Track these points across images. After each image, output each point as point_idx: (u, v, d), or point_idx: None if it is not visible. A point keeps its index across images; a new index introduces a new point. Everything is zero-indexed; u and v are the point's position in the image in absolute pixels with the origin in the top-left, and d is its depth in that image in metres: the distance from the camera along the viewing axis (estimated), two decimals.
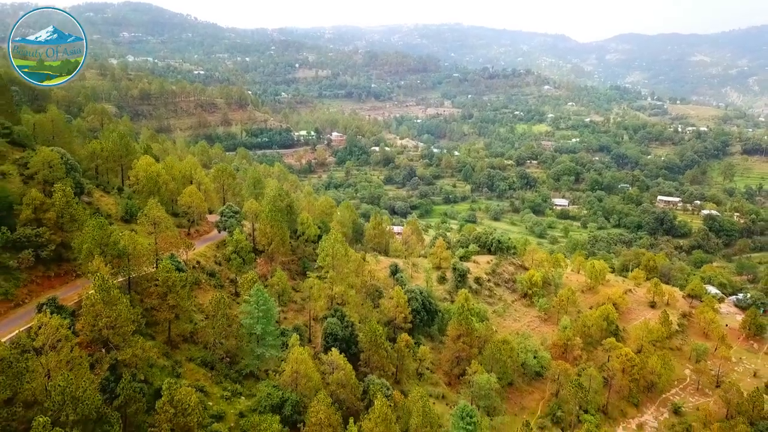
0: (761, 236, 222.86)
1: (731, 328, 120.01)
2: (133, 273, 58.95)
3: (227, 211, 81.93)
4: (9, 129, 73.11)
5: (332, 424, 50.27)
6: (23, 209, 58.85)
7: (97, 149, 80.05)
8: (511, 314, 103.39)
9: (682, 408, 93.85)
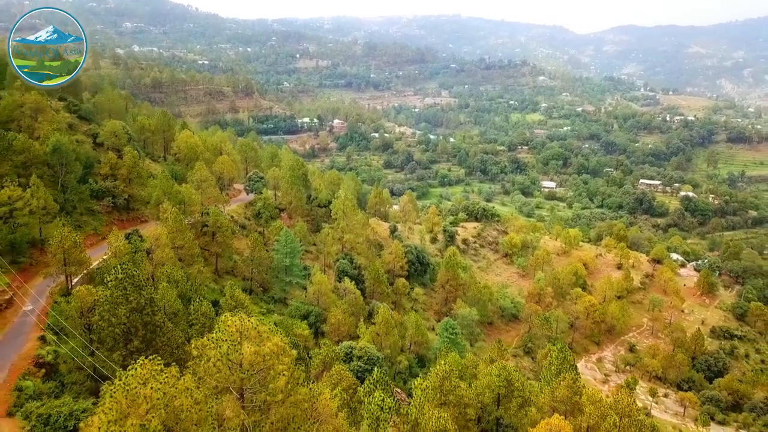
0: (734, 216, 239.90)
1: (688, 287, 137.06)
2: (189, 218, 75.32)
3: (254, 176, 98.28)
4: (77, 106, 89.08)
5: (347, 324, 67.05)
6: (102, 167, 75.16)
7: (146, 124, 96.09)
8: (493, 270, 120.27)
9: (636, 346, 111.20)
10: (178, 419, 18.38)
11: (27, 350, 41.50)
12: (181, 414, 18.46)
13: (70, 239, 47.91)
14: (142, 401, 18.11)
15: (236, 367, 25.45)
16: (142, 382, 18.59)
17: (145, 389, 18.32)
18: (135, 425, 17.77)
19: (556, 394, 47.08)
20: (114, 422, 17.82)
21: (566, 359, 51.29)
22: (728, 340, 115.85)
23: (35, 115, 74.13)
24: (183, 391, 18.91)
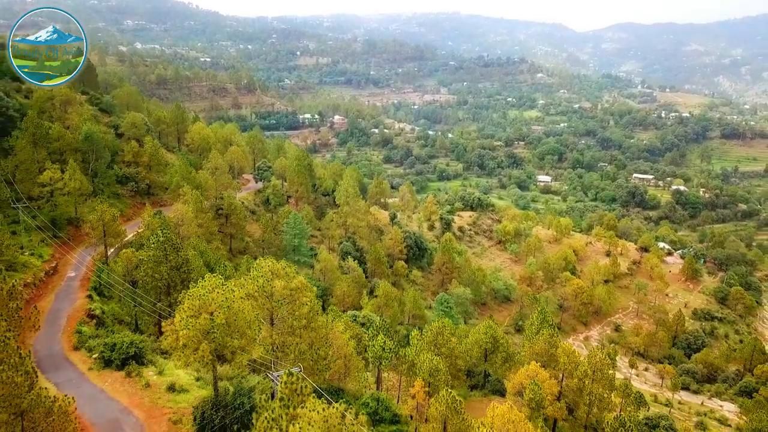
0: (724, 209, 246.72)
1: (674, 273, 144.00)
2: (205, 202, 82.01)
3: (263, 166, 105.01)
4: (99, 99, 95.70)
5: (351, 295, 73.88)
6: (125, 155, 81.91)
7: (162, 116, 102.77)
8: (487, 255, 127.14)
9: (622, 327, 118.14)
10: (235, 317, 25.17)
11: (78, 305, 48.25)
12: (238, 314, 25.25)
13: (109, 213, 54.68)
14: (210, 302, 24.90)
15: (269, 297, 32.30)
16: (209, 290, 25.37)
17: (212, 295, 25.11)
18: (206, 318, 24.60)
19: (535, 348, 54.00)
20: (191, 317, 24.65)
21: (545, 320, 58.12)
22: (709, 321, 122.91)
23: (64, 107, 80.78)
24: (238, 299, 25.69)
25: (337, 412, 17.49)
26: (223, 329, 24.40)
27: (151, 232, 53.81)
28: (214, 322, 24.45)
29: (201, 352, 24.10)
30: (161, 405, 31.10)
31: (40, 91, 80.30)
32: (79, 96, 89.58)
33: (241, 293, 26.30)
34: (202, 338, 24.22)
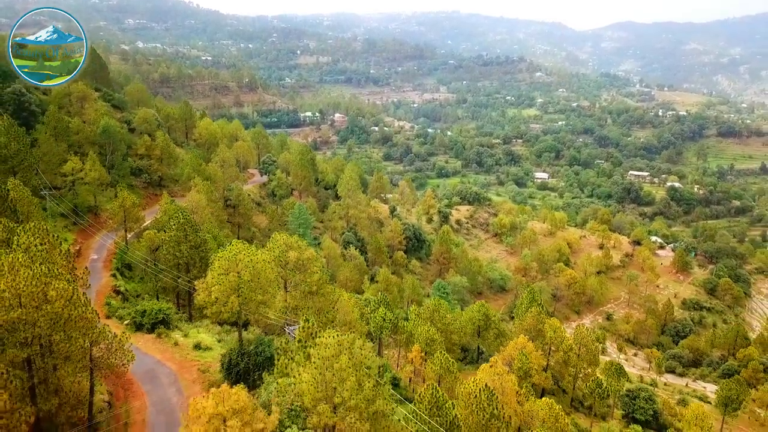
0: (718, 205, 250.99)
1: (665, 266, 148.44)
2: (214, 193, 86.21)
3: (267, 160, 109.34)
4: (111, 96, 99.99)
5: (353, 280, 78.24)
6: (139, 148, 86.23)
7: (170, 113, 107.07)
8: (484, 248, 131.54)
9: (613, 315, 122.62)
10: (258, 276, 29.56)
11: (104, 283, 52.63)
12: (260, 273, 29.64)
13: (130, 200, 59.00)
14: (238, 263, 29.29)
15: (284, 266, 36.70)
16: (236, 253, 29.76)
17: (239, 256, 29.50)
18: (234, 276, 28.99)
19: (524, 324, 58.41)
20: (221, 275, 29.05)
21: (534, 299, 62.53)
22: (697, 311, 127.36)
23: (81, 103, 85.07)
24: (261, 260, 30.08)
25: (348, 337, 21.86)
26: (248, 285, 28.79)
27: (168, 218, 58.14)
28: (241, 279, 28.85)
29: (230, 304, 28.49)
30: (190, 359, 35.54)
31: (57, 88, 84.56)
32: (92, 93, 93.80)
33: (263, 257, 30.68)
34: (231, 293, 28.61)
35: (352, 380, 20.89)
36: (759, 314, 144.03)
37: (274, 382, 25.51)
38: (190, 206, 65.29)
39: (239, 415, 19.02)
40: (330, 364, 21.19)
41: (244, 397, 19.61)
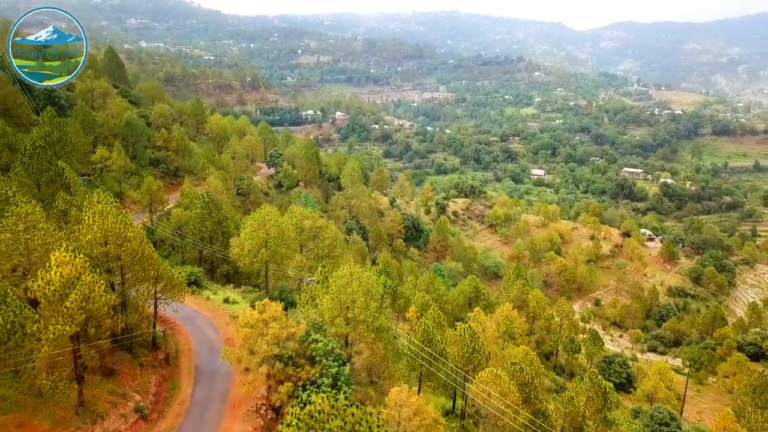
0: (709, 201, 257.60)
1: (653, 256, 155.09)
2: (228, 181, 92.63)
3: (275, 153, 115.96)
4: (128, 92, 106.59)
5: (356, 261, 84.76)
6: (156, 140, 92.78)
7: (183, 109, 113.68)
8: (479, 238, 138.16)
9: (601, 301, 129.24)
10: (283, 234, 36.20)
11: None
12: (285, 231, 36.29)
13: (156, 184, 65.61)
14: (266, 222, 35.93)
15: (300, 232, 43.35)
16: (264, 215, 36.40)
17: (267, 218, 36.15)
18: (264, 232, 35.64)
19: (510, 295, 65.03)
20: (253, 231, 35.70)
21: (520, 274, 69.14)
22: (682, 297, 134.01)
23: (103, 98, 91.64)
24: (285, 222, 36.71)
25: (358, 269, 28.47)
26: (275, 240, 35.44)
27: (190, 200, 64.74)
28: (269, 235, 35.48)
29: (260, 255, 35.15)
30: (221, 309, 42.16)
31: (81, 84, 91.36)
32: (113, 89, 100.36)
33: (286, 220, 37.36)
34: (261, 246, 35.26)
35: (361, 301, 27.47)
36: (743, 302, 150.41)
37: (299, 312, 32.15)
38: (210, 189, 71.79)
39: (277, 321, 25.62)
40: (344, 288, 27.79)
41: (281, 309, 26.22)
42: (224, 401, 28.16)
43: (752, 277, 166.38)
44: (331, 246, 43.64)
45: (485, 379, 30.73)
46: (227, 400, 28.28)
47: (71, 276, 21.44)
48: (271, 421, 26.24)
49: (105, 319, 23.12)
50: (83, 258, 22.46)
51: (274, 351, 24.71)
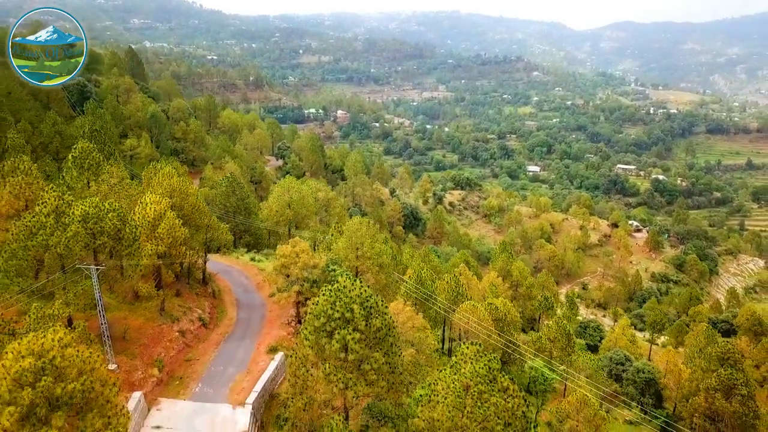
0: (699, 197, 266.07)
1: (640, 245, 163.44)
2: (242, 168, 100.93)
3: (282, 146, 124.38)
4: (147, 89, 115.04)
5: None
6: (176, 132, 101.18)
7: (197, 104, 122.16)
8: (474, 227, 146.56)
9: (588, 286, 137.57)
10: (303, 198, 44.67)
11: None
12: (305, 197, 44.76)
13: (181, 169, 73.90)
14: (290, 188, 44.35)
15: (315, 201, 51.76)
16: (288, 182, 44.81)
17: (291, 185, 44.58)
18: (287, 197, 44.10)
19: (496, 266, 73.45)
20: (279, 196, 44.17)
21: (506, 249, 77.57)
22: (665, 283, 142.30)
23: (128, 94, 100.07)
24: (305, 188, 45.17)
25: (365, 219, 36.89)
26: (297, 203, 43.92)
27: (213, 182, 73.12)
28: (292, 198, 43.95)
29: (286, 215, 43.59)
30: (249, 264, 50.62)
31: (107, 81, 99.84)
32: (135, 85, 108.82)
33: (305, 187, 45.83)
34: (286, 207, 43.69)
35: (368, 242, 35.87)
36: (725, 290, 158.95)
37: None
38: (229, 172, 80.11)
39: (305, 253, 34.05)
40: (355, 233, 36.21)
41: (308, 246, 34.66)
42: (262, 319, 36.63)
43: (735, 267, 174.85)
44: (340, 214, 51.97)
45: (465, 309, 39.11)
46: (265, 318, 36.75)
47: (159, 211, 29.88)
48: (298, 330, 34.67)
49: (181, 247, 31.55)
50: (166, 200, 30.91)
51: (304, 274, 33.12)
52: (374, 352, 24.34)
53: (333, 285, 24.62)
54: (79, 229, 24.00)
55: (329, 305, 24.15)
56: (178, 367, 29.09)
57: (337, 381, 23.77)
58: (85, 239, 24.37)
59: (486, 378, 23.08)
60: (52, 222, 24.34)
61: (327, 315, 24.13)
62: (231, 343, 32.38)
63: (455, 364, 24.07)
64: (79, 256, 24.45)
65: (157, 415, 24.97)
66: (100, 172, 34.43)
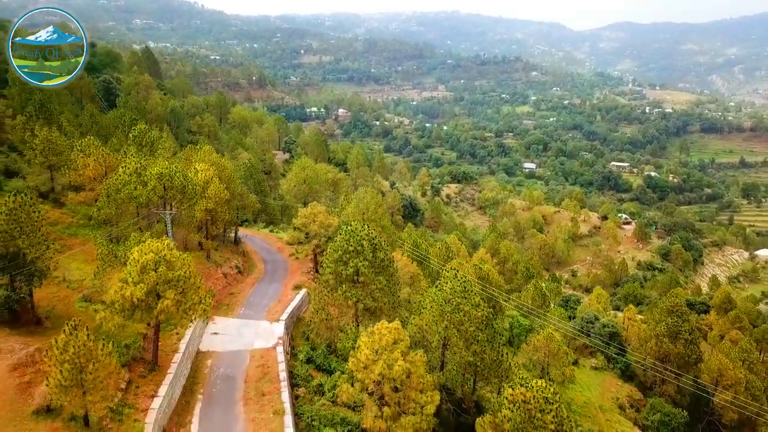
0: (690, 193, 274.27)
1: (628, 237, 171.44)
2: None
3: (289, 140, 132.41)
4: (163, 86, 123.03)
5: None
6: (192, 125, 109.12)
7: (209, 101, 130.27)
8: (469, 218, 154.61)
9: (577, 273, 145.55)
10: (317, 175, 52.71)
11: None
12: (319, 174, 52.81)
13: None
14: (305, 167, 52.44)
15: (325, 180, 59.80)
16: (303, 162, 52.90)
17: (306, 164, 52.66)
18: (302, 174, 52.17)
19: (486, 245, 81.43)
20: (297, 173, 52.28)
21: (495, 229, 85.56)
22: (650, 270, 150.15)
23: (147, 90, 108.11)
24: (318, 168, 53.24)
25: (371, 190, 44.90)
26: (312, 179, 51.93)
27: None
28: (308, 176, 51.99)
29: (302, 189, 51.62)
30: (270, 235, 58.65)
31: (128, 79, 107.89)
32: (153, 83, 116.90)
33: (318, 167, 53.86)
34: (302, 183, 51.74)
35: (372, 207, 43.88)
36: (709, 279, 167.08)
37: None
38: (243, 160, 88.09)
39: (322, 214, 42.07)
40: (362, 200, 44.20)
41: (323, 208, 42.68)
42: (286, 270, 44.69)
43: (720, 258, 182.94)
44: (346, 192, 59.95)
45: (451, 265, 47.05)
46: (288, 269, 44.83)
47: (208, 177, 37.92)
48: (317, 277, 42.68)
49: (224, 206, 39.59)
50: (212, 169, 38.95)
51: (321, 231, 41.15)
52: (378, 276, 32.44)
53: (347, 228, 32.70)
54: (156, 184, 31.90)
55: (345, 241, 32.25)
56: (224, 299, 37.04)
57: (351, 296, 31.87)
58: (160, 192, 32.27)
59: (461, 293, 31.18)
60: (135, 179, 32.26)
61: (343, 249, 32.23)
62: (263, 284, 40.37)
63: (439, 283, 32.19)
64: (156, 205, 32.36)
65: (213, 327, 32.92)
66: (155, 148, 42.40)
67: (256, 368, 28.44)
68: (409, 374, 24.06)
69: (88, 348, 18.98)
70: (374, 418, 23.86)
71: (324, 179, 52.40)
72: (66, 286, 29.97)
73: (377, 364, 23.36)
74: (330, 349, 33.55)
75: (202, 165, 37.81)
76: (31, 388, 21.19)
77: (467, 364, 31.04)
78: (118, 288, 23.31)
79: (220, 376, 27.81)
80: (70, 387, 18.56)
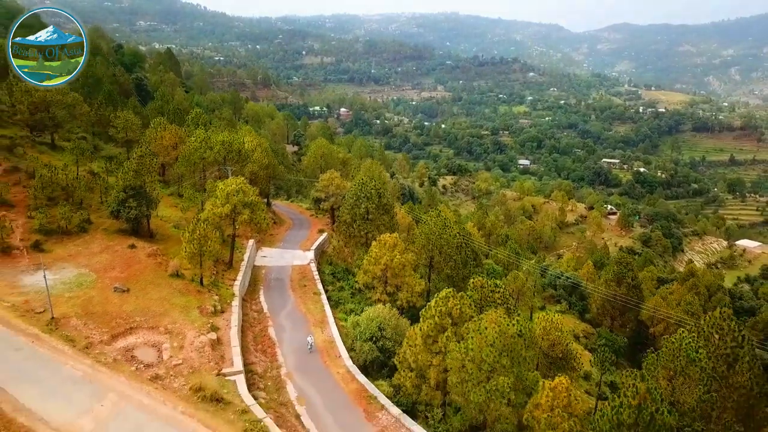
0: (678, 188, 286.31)
1: (613, 226, 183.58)
2: None
3: (298, 133, 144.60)
4: (184, 83, 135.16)
5: None
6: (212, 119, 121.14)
7: (224, 97, 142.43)
8: (464, 206, 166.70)
9: (562, 257, 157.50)
10: (332, 152, 64.92)
11: None
12: (332, 153, 65.04)
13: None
14: (322, 146, 64.66)
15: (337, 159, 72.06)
16: (319, 142, 65.10)
17: (322, 143, 64.89)
18: (320, 151, 64.43)
19: (474, 219, 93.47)
20: (314, 151, 64.58)
21: (481, 207, 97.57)
22: (630, 255, 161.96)
23: (172, 88, 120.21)
24: (332, 146, 65.45)
25: (376, 163, 56.98)
26: (328, 156, 64.09)
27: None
28: (324, 153, 64.13)
29: (319, 164, 63.73)
30: (292, 204, 70.71)
31: (155, 77, 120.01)
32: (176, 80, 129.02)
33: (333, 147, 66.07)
34: (320, 159, 63.90)
35: (376, 174, 55.86)
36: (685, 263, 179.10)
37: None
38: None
39: (337, 179, 54.14)
40: (369, 170, 56.25)
41: (339, 175, 54.77)
42: (310, 223, 56.86)
43: (700, 246, 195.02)
44: (354, 172, 72.01)
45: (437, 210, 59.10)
46: (311, 223, 56.98)
47: (253, 145, 50.06)
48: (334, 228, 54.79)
49: (267, 169, 51.72)
50: (255, 141, 51.06)
51: (337, 192, 53.25)
52: (383, 216, 44.67)
53: (360, 180, 44.89)
54: (220, 148, 43.92)
55: (358, 189, 44.45)
56: (266, 238, 49.15)
57: (362, 229, 44.09)
58: (223, 153, 44.30)
59: (441, 226, 43.38)
60: (204, 146, 44.30)
61: (356, 195, 44.45)
62: (294, 231, 52.55)
63: (425, 222, 44.41)
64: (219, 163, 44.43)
65: (261, 253, 45.04)
66: (209, 127, 54.43)
67: (297, 274, 40.56)
68: (403, 266, 36.26)
69: (206, 232, 31.11)
70: (380, 294, 36.01)
71: (336, 158, 64.32)
72: (160, 219, 42.09)
73: (383, 257, 35.54)
74: (346, 271, 45.75)
75: (249, 136, 49.87)
76: (162, 265, 33.31)
77: (447, 277, 43.21)
78: (210, 208, 35.48)
79: (272, 278, 39.93)
80: (195, 255, 30.66)
